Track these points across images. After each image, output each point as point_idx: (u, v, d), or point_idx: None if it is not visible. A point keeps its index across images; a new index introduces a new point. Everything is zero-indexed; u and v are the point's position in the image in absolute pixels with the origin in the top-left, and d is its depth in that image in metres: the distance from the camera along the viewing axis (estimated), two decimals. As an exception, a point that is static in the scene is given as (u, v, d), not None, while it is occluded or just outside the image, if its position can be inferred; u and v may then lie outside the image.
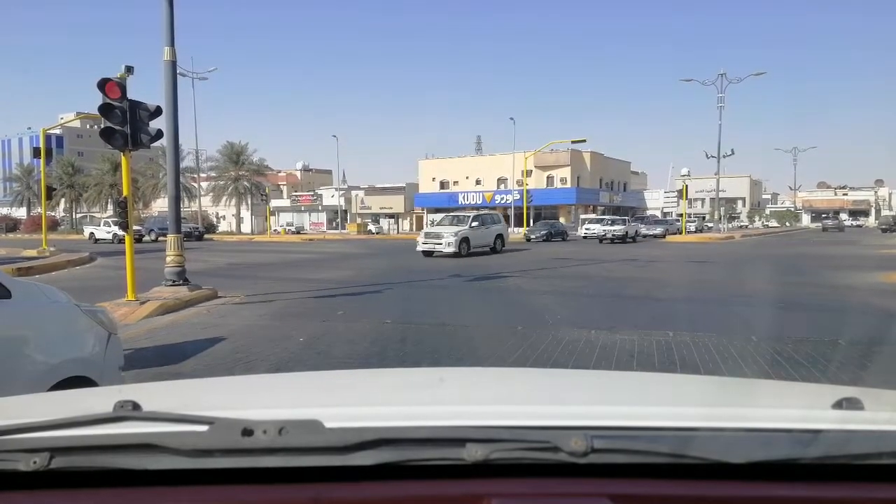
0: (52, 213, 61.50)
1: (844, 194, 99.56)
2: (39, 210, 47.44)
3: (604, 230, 36.99)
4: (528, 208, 45.12)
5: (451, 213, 28.99)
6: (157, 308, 9.46)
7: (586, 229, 40.06)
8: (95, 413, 0.97)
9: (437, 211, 59.54)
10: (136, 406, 1.04)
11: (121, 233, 11.63)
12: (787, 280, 14.32)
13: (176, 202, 11.15)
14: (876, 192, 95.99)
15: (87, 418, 0.95)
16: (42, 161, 24.69)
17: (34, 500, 0.89)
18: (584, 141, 44.14)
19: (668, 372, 5.44)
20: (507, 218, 50.44)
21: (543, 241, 37.36)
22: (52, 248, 23.87)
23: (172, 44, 10.75)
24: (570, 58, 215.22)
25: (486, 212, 31.21)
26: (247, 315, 9.44)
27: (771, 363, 5.91)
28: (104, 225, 41.03)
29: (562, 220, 56.02)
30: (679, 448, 0.87)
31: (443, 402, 1.35)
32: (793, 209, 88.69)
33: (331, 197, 67.44)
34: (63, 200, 68.68)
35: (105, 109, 9.32)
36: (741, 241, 37.38)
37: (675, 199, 54.28)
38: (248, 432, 0.88)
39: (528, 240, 38.11)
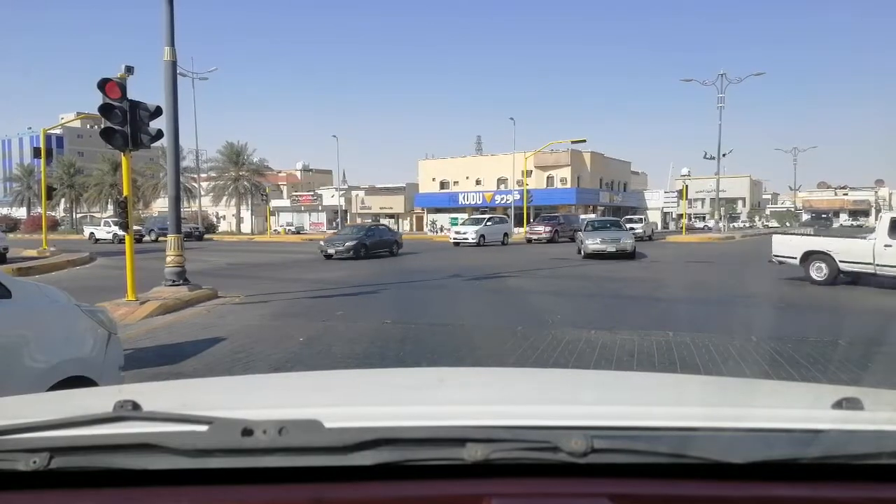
0: (53, 213, 61.47)
1: (844, 194, 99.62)
2: (39, 210, 47.42)
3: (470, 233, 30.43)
4: (528, 208, 45.03)
5: None
6: (157, 308, 9.46)
7: (457, 233, 31.83)
8: (95, 413, 0.97)
9: (438, 211, 59.64)
10: (135, 406, 1.04)
11: (121, 233, 11.63)
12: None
13: (176, 202, 11.15)
14: (876, 192, 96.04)
15: (86, 418, 0.95)
16: (42, 161, 24.69)
17: (34, 500, 0.89)
18: (584, 141, 44.07)
19: (668, 372, 5.44)
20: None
21: (350, 257, 22.24)
22: (52, 248, 23.86)
23: (172, 44, 10.76)
24: (571, 58, 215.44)
25: None
26: (247, 315, 9.45)
27: (771, 363, 5.91)
28: (104, 225, 40.99)
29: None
30: (679, 448, 0.87)
31: (443, 402, 1.35)
32: (793, 209, 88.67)
33: (331, 197, 67.39)
34: (63, 200, 68.67)
35: (105, 109, 9.32)
36: (741, 241, 37.35)
37: (675, 200, 54.21)
38: (247, 432, 0.88)
39: (329, 256, 22.61)
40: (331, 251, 22.64)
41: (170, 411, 0.97)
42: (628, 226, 35.70)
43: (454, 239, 31.33)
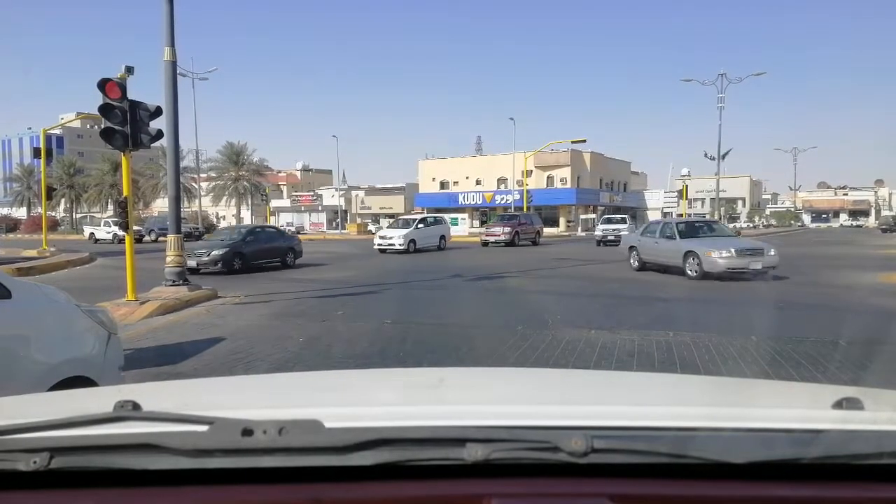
0: (53, 214, 61.39)
1: (844, 194, 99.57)
2: (40, 210, 47.41)
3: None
4: (528, 208, 45.02)
5: None
6: (157, 308, 9.46)
7: (381, 237, 26.66)
8: (95, 413, 0.97)
9: (438, 211, 59.65)
10: (135, 406, 1.04)
11: (121, 233, 11.64)
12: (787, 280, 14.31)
13: (176, 202, 11.15)
14: (876, 192, 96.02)
15: (86, 418, 0.95)
16: (42, 161, 24.67)
17: (34, 500, 0.89)
18: (584, 141, 43.97)
19: (668, 372, 5.44)
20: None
21: (219, 271, 16.96)
22: (52, 249, 23.87)
23: (173, 44, 10.76)
24: (571, 58, 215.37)
25: None
26: (246, 315, 9.45)
27: (771, 363, 5.91)
28: (104, 225, 40.97)
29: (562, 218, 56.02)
30: (679, 448, 0.87)
31: (443, 402, 1.35)
32: (793, 209, 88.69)
33: (331, 197, 67.42)
34: (63, 200, 68.58)
35: (105, 109, 9.32)
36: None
37: (675, 200, 54.19)
38: (248, 432, 0.88)
39: (193, 270, 15.44)
40: (192, 263, 15.98)
41: (170, 411, 0.97)
42: (602, 227, 31.46)
43: (378, 245, 26.23)
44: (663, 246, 15.41)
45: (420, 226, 27.47)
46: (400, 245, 25.56)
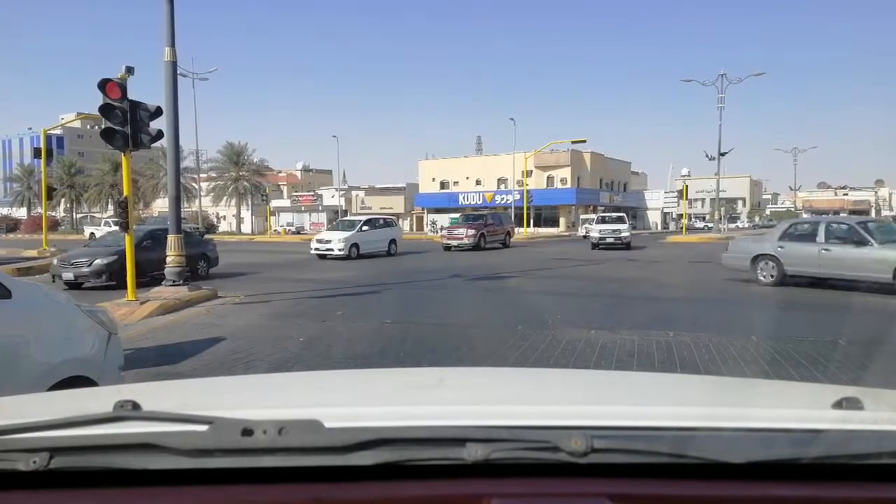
0: (53, 214, 61.38)
1: (845, 194, 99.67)
2: (40, 210, 47.42)
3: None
4: (528, 208, 44.99)
5: None
6: (158, 308, 9.46)
7: (318, 241, 23.11)
8: (95, 413, 0.97)
9: (438, 211, 59.64)
10: (135, 406, 1.04)
11: (121, 233, 11.62)
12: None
13: (176, 202, 11.15)
14: (876, 192, 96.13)
15: (86, 418, 0.95)
16: (42, 161, 24.66)
17: (34, 500, 0.89)
18: (584, 141, 43.98)
19: (668, 372, 5.44)
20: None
21: (101, 284, 13.06)
22: (52, 249, 23.85)
23: (173, 44, 10.75)
24: (571, 58, 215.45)
25: None
26: (247, 315, 9.45)
27: (771, 363, 5.91)
28: (104, 225, 41.05)
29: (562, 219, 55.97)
30: (679, 448, 0.87)
31: (443, 402, 1.35)
32: (793, 209, 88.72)
33: (331, 197, 67.43)
34: (63, 201, 68.61)
35: (105, 110, 9.32)
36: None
37: (676, 200, 54.23)
38: (248, 432, 0.88)
39: (72, 284, 13.05)
40: (69, 275, 13.11)
41: (170, 411, 0.97)
42: (599, 228, 28.24)
43: (315, 249, 22.61)
44: (841, 254, 11.43)
45: (365, 228, 23.52)
46: (339, 250, 21.92)
